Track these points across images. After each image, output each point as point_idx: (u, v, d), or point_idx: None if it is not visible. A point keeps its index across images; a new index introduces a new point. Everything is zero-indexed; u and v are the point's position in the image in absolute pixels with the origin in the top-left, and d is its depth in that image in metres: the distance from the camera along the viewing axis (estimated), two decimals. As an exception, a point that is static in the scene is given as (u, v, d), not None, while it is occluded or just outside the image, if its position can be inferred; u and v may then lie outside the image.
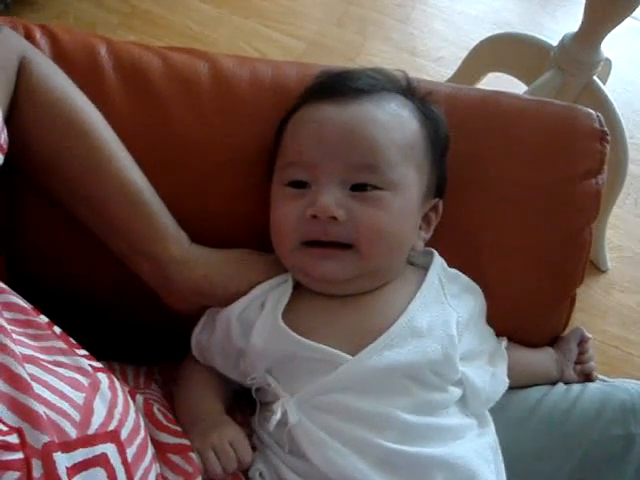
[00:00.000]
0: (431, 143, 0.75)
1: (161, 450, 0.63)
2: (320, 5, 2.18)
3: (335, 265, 0.70)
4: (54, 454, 0.47)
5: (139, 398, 0.67)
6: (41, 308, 0.61)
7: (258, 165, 0.78)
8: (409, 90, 0.77)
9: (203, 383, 0.76)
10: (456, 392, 0.71)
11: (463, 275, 0.78)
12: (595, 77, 1.51)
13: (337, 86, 0.74)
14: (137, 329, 0.83)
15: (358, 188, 0.70)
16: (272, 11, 2.10)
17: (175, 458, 0.63)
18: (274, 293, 0.73)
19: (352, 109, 0.71)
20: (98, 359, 0.62)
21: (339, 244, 0.70)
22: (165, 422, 0.67)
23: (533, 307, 0.86)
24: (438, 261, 0.77)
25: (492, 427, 0.74)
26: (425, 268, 0.76)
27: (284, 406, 0.67)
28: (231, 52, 0.88)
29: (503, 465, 0.72)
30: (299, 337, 0.68)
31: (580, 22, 1.43)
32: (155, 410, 0.67)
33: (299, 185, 0.72)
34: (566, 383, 0.85)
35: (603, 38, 1.43)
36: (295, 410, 0.67)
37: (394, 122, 0.72)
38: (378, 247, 0.70)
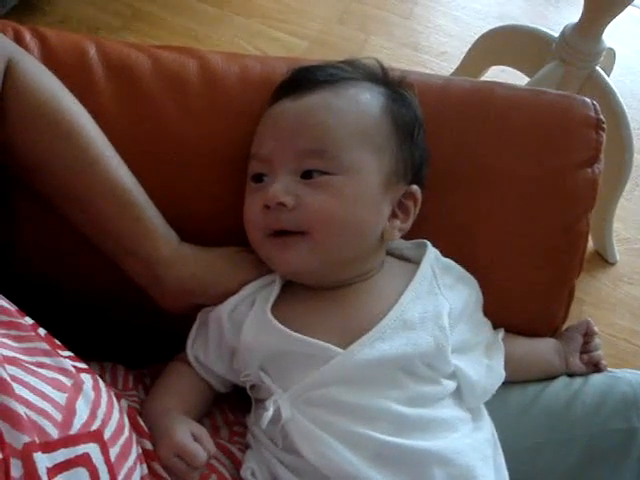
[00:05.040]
0: (395, 127, 0.74)
1: (146, 457, 0.63)
2: (322, 3, 2.17)
3: (293, 254, 0.69)
4: (34, 454, 0.47)
5: (124, 404, 0.67)
6: (33, 309, 0.60)
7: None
8: (383, 78, 0.77)
9: (165, 384, 0.75)
10: (450, 385, 0.70)
11: (457, 265, 0.78)
12: (598, 67, 1.49)
13: (297, 81, 0.75)
14: (129, 330, 0.82)
15: (307, 175, 0.70)
16: (273, 10, 2.10)
17: (158, 466, 0.63)
18: (263, 291, 0.73)
19: (306, 99, 0.72)
20: (89, 359, 0.61)
21: (294, 232, 0.69)
22: (147, 429, 0.66)
23: (531, 299, 0.84)
24: (432, 252, 0.76)
25: (489, 422, 0.73)
26: (418, 261, 0.75)
27: (277, 402, 0.66)
28: (233, 52, 0.88)
29: (503, 460, 0.71)
30: (289, 331, 0.68)
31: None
32: (138, 417, 0.67)
33: (259, 178, 0.73)
34: (573, 375, 0.83)
35: (604, 28, 1.41)
36: (288, 406, 0.66)
37: (349, 107, 0.72)
38: (330, 233, 0.69)
